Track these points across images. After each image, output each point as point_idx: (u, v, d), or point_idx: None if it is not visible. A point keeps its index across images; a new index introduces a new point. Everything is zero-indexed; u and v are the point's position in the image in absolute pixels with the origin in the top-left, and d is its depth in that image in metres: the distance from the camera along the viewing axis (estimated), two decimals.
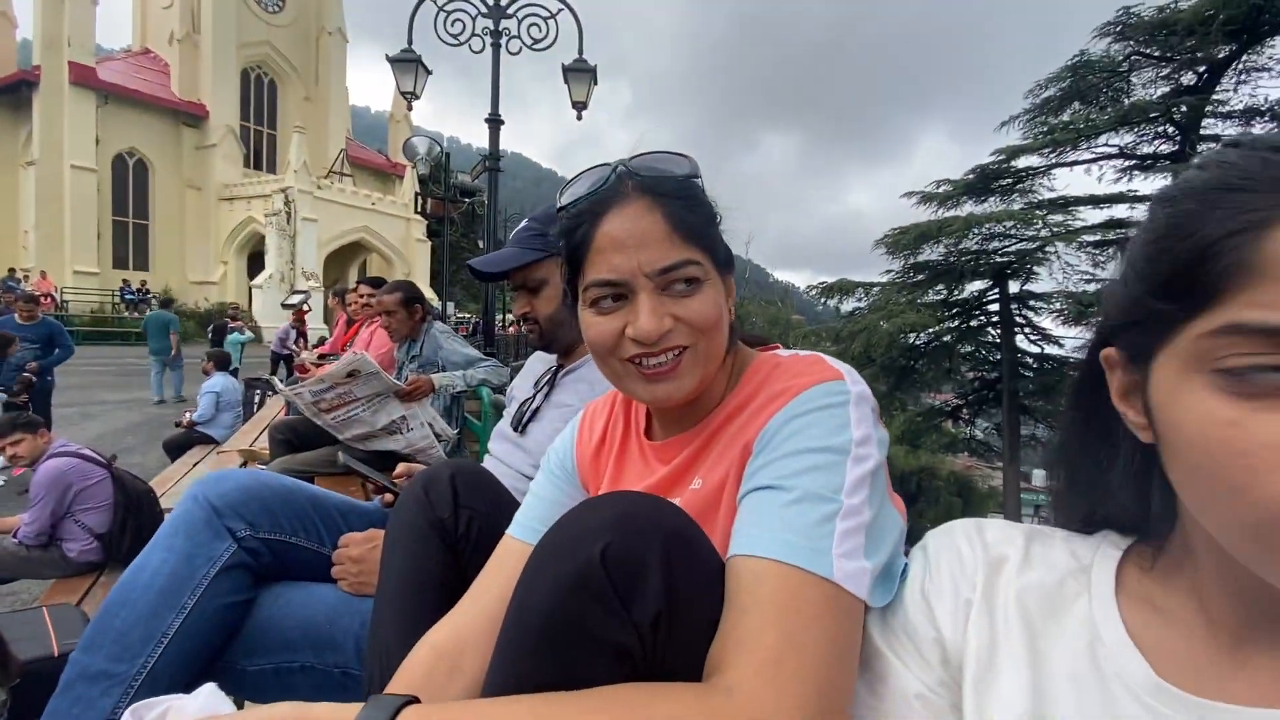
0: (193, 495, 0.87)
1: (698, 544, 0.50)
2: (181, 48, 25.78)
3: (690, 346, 0.61)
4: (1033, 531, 0.50)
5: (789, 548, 0.48)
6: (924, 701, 0.47)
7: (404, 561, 0.76)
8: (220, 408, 5.70)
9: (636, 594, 0.45)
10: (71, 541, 2.80)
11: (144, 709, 0.47)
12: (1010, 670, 0.44)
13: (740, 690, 0.43)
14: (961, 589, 0.48)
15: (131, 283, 22.85)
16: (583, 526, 0.48)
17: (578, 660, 0.45)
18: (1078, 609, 0.45)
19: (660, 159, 0.63)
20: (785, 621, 0.45)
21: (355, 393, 2.17)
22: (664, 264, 0.59)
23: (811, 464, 0.52)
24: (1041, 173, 12.45)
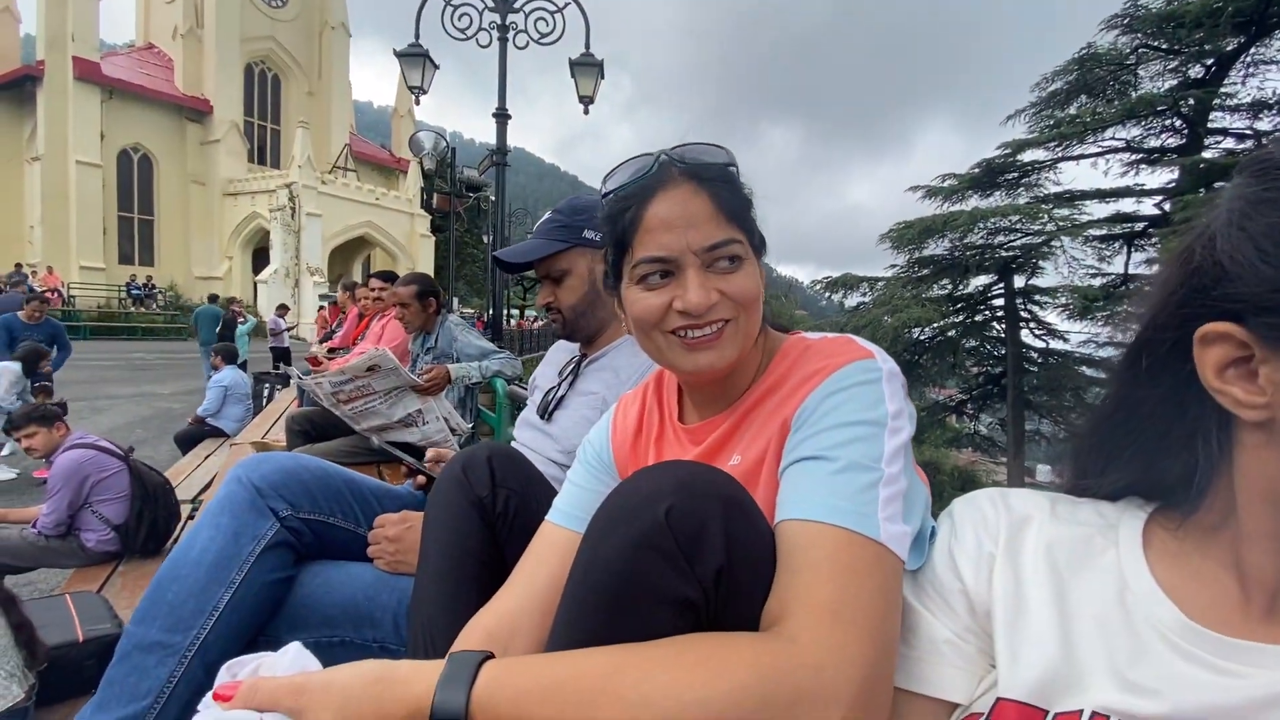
0: (236, 477, 0.89)
1: (751, 508, 0.53)
2: (185, 43, 25.79)
3: (733, 320, 0.65)
4: (1057, 496, 0.54)
5: (839, 512, 0.52)
6: (952, 646, 0.51)
7: (446, 538, 0.79)
8: (228, 401, 5.73)
9: (699, 551, 0.48)
10: (89, 532, 2.83)
11: (237, 665, 0.50)
12: (1039, 613, 0.47)
13: (803, 638, 0.46)
14: (984, 544, 0.52)
15: (137, 278, 22.93)
16: (646, 490, 0.51)
17: (645, 613, 0.48)
18: (1105, 561, 0.48)
19: (700, 149, 0.68)
20: (840, 577, 0.49)
21: (374, 386, 2.20)
22: (711, 242, 0.63)
23: (853, 436, 0.56)
24: (1047, 166, 12.40)
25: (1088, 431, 0.52)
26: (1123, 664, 0.43)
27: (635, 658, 0.46)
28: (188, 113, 25.80)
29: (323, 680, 0.47)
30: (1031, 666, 0.45)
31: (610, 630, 0.49)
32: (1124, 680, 0.43)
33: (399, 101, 33.44)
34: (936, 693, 0.50)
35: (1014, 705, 0.45)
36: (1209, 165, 10.50)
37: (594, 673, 0.45)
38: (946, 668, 0.51)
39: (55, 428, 2.97)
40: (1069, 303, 12.22)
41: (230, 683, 0.49)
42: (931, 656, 0.51)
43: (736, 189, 0.67)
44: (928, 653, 0.52)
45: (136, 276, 23.08)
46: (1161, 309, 0.44)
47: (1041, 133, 11.96)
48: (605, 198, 0.70)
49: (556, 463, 1.12)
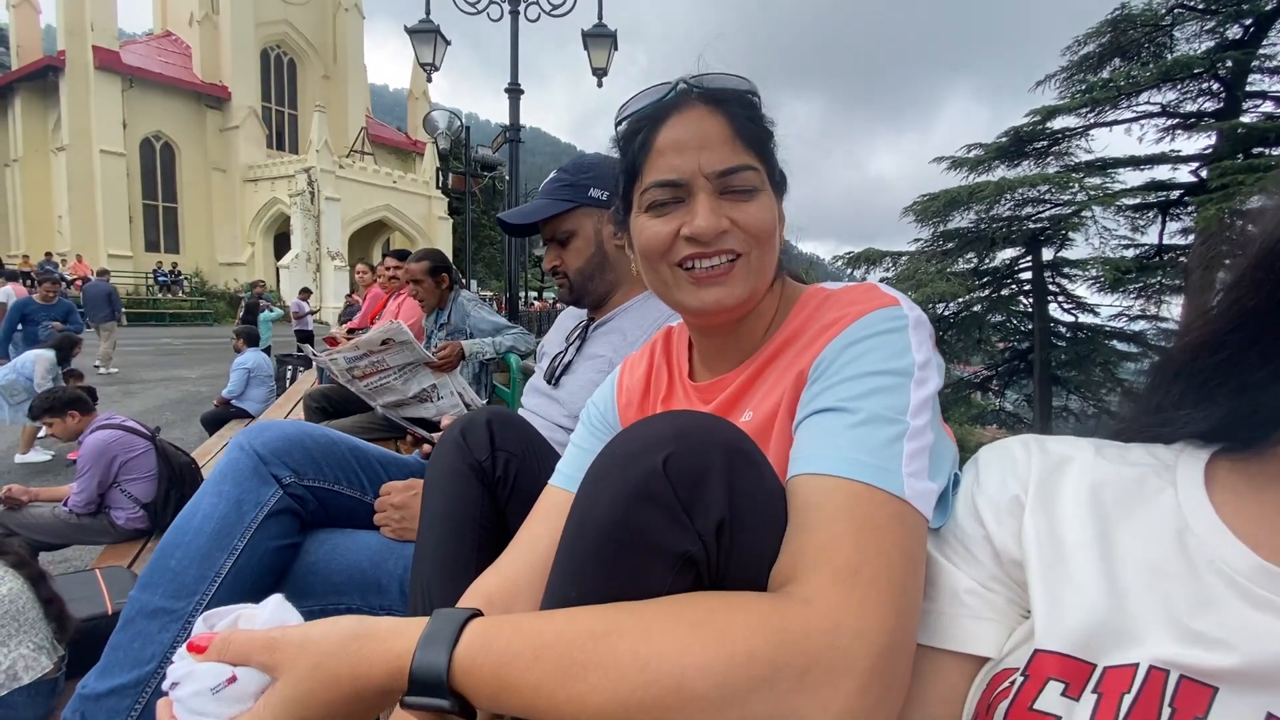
0: (238, 444, 0.88)
1: (757, 457, 0.49)
2: (202, 29, 25.91)
3: (744, 255, 0.61)
4: (1101, 441, 0.49)
5: (860, 466, 0.47)
6: (975, 596, 0.47)
7: (444, 502, 0.77)
8: (251, 383, 5.83)
9: (699, 501, 0.45)
10: (119, 510, 2.91)
11: (215, 616, 0.48)
12: (1080, 557, 0.42)
13: (820, 599, 0.42)
14: (1010, 487, 0.47)
15: (163, 265, 23.39)
16: (644, 439, 0.48)
17: (643, 568, 0.45)
18: (1161, 501, 0.42)
19: (721, 76, 0.63)
20: (860, 534, 0.45)
21: (388, 361, 2.19)
22: (725, 166, 0.59)
23: (876, 386, 0.51)
24: (1079, 134, 11.96)
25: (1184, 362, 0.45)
26: (1183, 612, 0.38)
27: (631, 618, 0.42)
28: (207, 100, 26.01)
29: (298, 636, 0.44)
30: (1074, 615, 0.40)
31: (605, 586, 0.45)
32: (1185, 630, 0.37)
33: (414, 83, 33.35)
34: (960, 646, 0.46)
35: (1055, 657, 0.40)
36: (1248, 130, 10.04)
37: (585, 634, 0.41)
38: (970, 620, 0.46)
39: (69, 415, 3.03)
40: (1100, 275, 11.85)
41: (206, 634, 0.46)
42: (953, 608, 0.47)
43: (757, 117, 0.63)
44: (948, 604, 0.47)
45: (163, 264, 23.56)
46: None
47: (1072, 98, 11.51)
48: (619, 125, 0.66)
49: (564, 428, 1.10)
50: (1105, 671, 0.38)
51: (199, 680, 0.44)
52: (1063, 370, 12.96)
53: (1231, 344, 0.41)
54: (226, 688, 0.43)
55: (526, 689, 0.40)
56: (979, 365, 14.73)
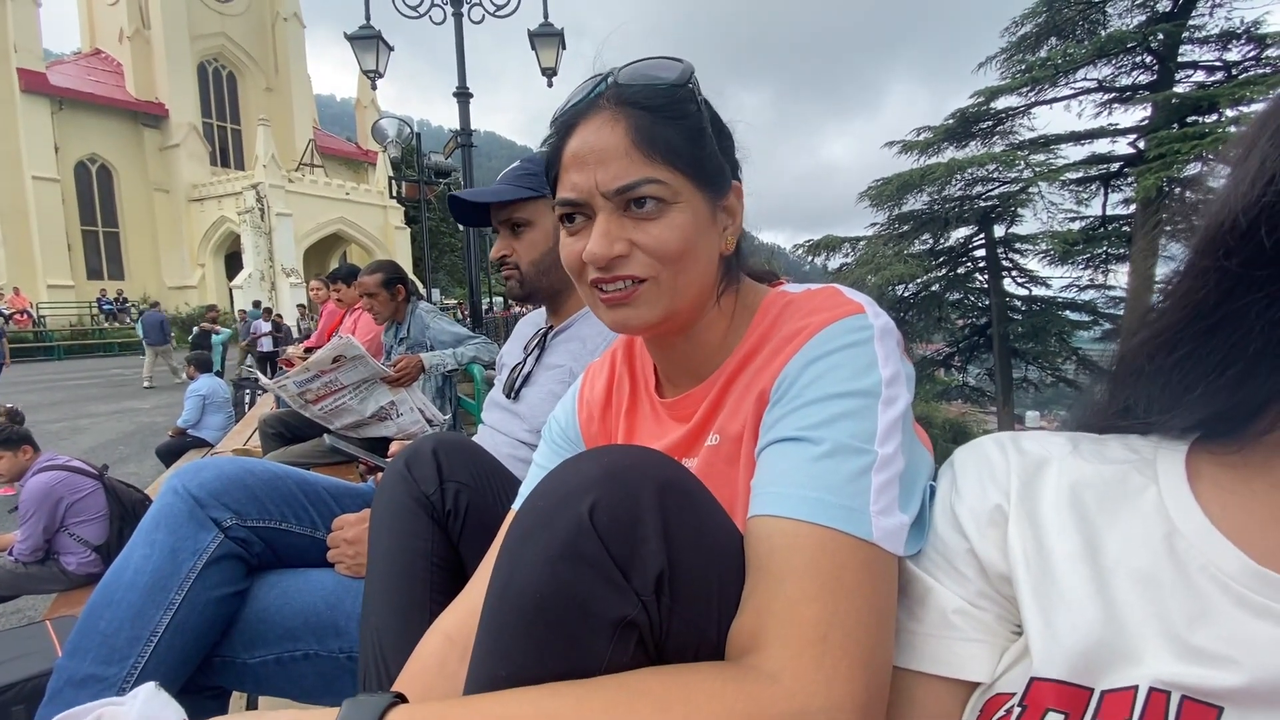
0: (171, 487, 0.82)
1: (695, 494, 0.45)
2: (133, 45, 24.88)
3: (650, 279, 0.55)
4: (1077, 435, 0.46)
5: (823, 507, 0.44)
6: (964, 616, 0.44)
7: (392, 541, 0.72)
8: (207, 410, 5.63)
9: (634, 555, 0.40)
10: (69, 555, 2.76)
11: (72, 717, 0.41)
12: (1069, 571, 0.40)
13: (785, 675, 0.38)
14: (990, 495, 0.44)
15: (108, 292, 22.42)
16: (566, 486, 0.43)
17: (578, 639, 0.40)
18: (1144, 501, 0.40)
19: (648, 65, 0.57)
20: (826, 592, 0.41)
21: (341, 379, 2.11)
22: (619, 183, 0.54)
23: (840, 410, 0.47)
24: (1021, 113, 12.35)
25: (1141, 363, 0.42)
26: (1180, 626, 0.35)
27: (575, 705, 0.38)
28: (143, 118, 25.00)
29: None
30: (1068, 636, 0.38)
31: (538, 663, 0.40)
32: (1185, 646, 0.35)
33: (361, 92, 32.59)
34: (951, 672, 0.43)
35: (1052, 686, 0.38)
36: (1181, 100, 10.48)
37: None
38: (960, 642, 0.43)
39: (21, 451, 2.87)
40: (1049, 248, 12.27)
41: None
42: (942, 630, 0.44)
43: (678, 115, 0.56)
44: (937, 627, 0.44)
45: (107, 291, 22.56)
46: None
47: (1013, 78, 11.87)
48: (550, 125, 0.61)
49: (526, 444, 1.06)
50: (1104, 696, 0.36)
51: None
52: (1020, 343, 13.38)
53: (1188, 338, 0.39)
54: None
55: None
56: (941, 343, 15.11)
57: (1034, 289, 13.48)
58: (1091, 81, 11.74)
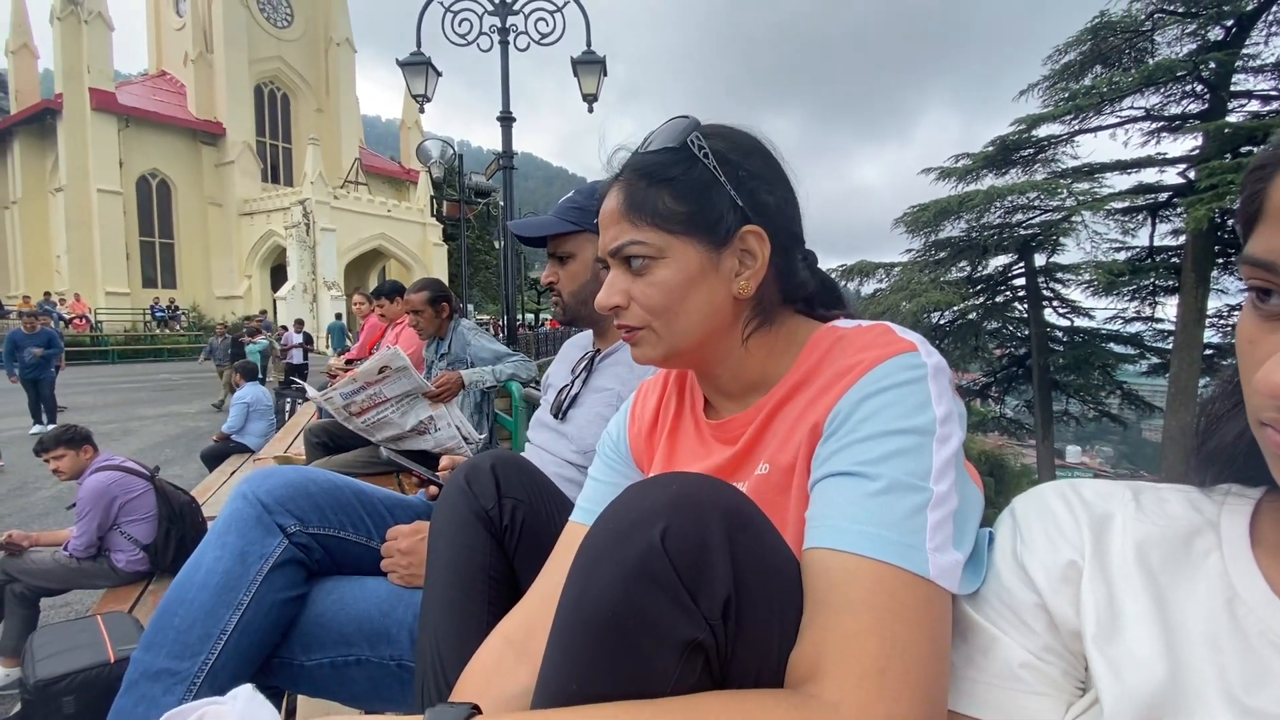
0: (241, 493, 0.87)
1: (759, 523, 0.47)
2: (196, 68, 26.28)
3: (643, 328, 0.62)
4: (1137, 486, 0.46)
5: (882, 543, 0.45)
6: (1031, 670, 0.44)
7: (450, 553, 0.75)
8: (251, 417, 5.81)
9: (703, 580, 0.42)
10: (119, 552, 2.87)
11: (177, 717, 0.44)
12: (1139, 630, 0.40)
13: (847, 704, 0.40)
14: (1062, 550, 0.44)
15: (160, 301, 23.44)
16: (638, 510, 0.45)
17: (648, 658, 0.42)
18: (1209, 566, 0.41)
19: (662, 131, 0.63)
20: (885, 625, 0.42)
21: (385, 393, 2.18)
22: (610, 246, 0.62)
23: (896, 448, 0.49)
24: (1064, 140, 12.13)
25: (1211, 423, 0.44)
26: (1237, 688, 0.36)
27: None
28: (202, 136, 26.28)
29: None
30: (1138, 691, 0.39)
31: (609, 676, 0.42)
32: (1241, 707, 0.36)
33: (406, 113, 33.79)
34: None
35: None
36: (1234, 129, 10.17)
37: None
38: (1025, 695, 0.43)
39: (83, 450, 3.01)
40: (1093, 279, 11.94)
41: None
42: (1007, 682, 0.44)
43: (668, 178, 0.60)
44: (1001, 678, 0.44)
45: (160, 299, 23.59)
46: None
47: (1056, 106, 11.68)
48: None
49: (572, 463, 1.08)
50: None
51: None
52: (1061, 374, 12.99)
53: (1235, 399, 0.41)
54: None
55: None
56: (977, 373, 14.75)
57: (1076, 320, 13.12)
58: (1139, 110, 11.49)
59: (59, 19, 23.24)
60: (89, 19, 23.35)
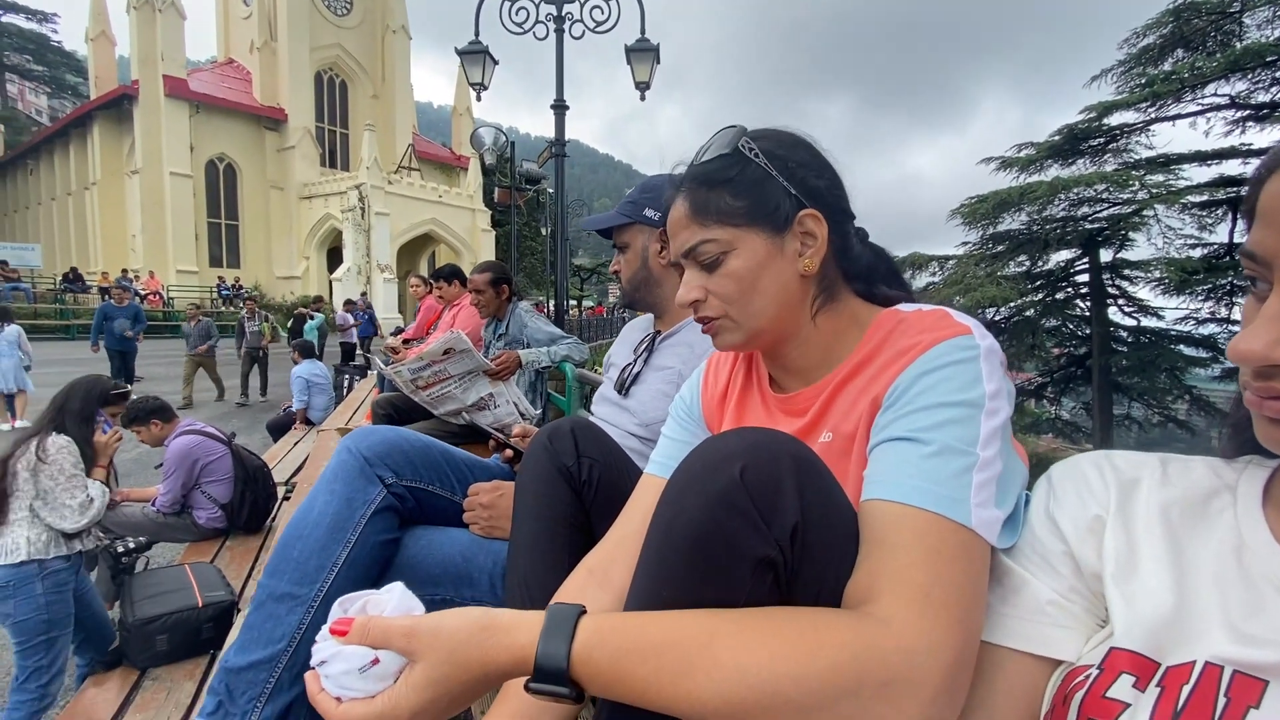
0: (346, 447, 0.97)
1: (822, 471, 0.54)
2: (261, 55, 27.29)
3: (721, 318, 0.69)
4: (1167, 457, 0.52)
5: (932, 496, 0.51)
6: (1056, 606, 0.50)
7: (536, 503, 0.83)
8: (312, 392, 6.11)
9: (774, 509, 0.49)
10: (200, 510, 3.10)
11: (348, 601, 0.54)
12: (1152, 568, 0.47)
13: (897, 620, 0.46)
14: (1089, 506, 0.51)
15: (225, 280, 24.64)
16: (721, 452, 0.52)
17: (727, 571, 0.49)
18: (1223, 520, 0.47)
19: (711, 144, 0.70)
20: (931, 561, 0.49)
21: (449, 370, 2.29)
22: (684, 249, 0.70)
23: (947, 418, 0.55)
24: (1139, 129, 11.46)
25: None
26: (1237, 618, 0.43)
27: (732, 626, 0.47)
28: (265, 122, 27.35)
29: (431, 625, 0.50)
30: (1147, 617, 0.45)
31: (693, 584, 0.50)
32: (1238, 633, 0.42)
33: (458, 100, 34.34)
34: (1039, 650, 0.50)
35: (1128, 654, 0.45)
36: None
37: (692, 637, 0.46)
38: (1050, 627, 0.50)
39: (151, 424, 3.24)
40: (1164, 277, 11.27)
41: (344, 619, 0.52)
42: (1035, 616, 0.51)
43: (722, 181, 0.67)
44: (1030, 613, 0.51)
45: (225, 278, 24.80)
46: None
47: (1131, 93, 11.05)
48: None
49: (635, 435, 1.15)
50: (1168, 670, 0.43)
51: (347, 661, 0.49)
52: (1124, 377, 12.37)
53: None
54: (371, 668, 0.50)
55: (639, 682, 0.46)
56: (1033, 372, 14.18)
57: (1144, 319, 12.46)
58: (1222, 97, 10.77)
59: (135, 8, 24.47)
60: (163, 8, 24.49)
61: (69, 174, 29.10)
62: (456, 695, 0.49)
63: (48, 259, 24.46)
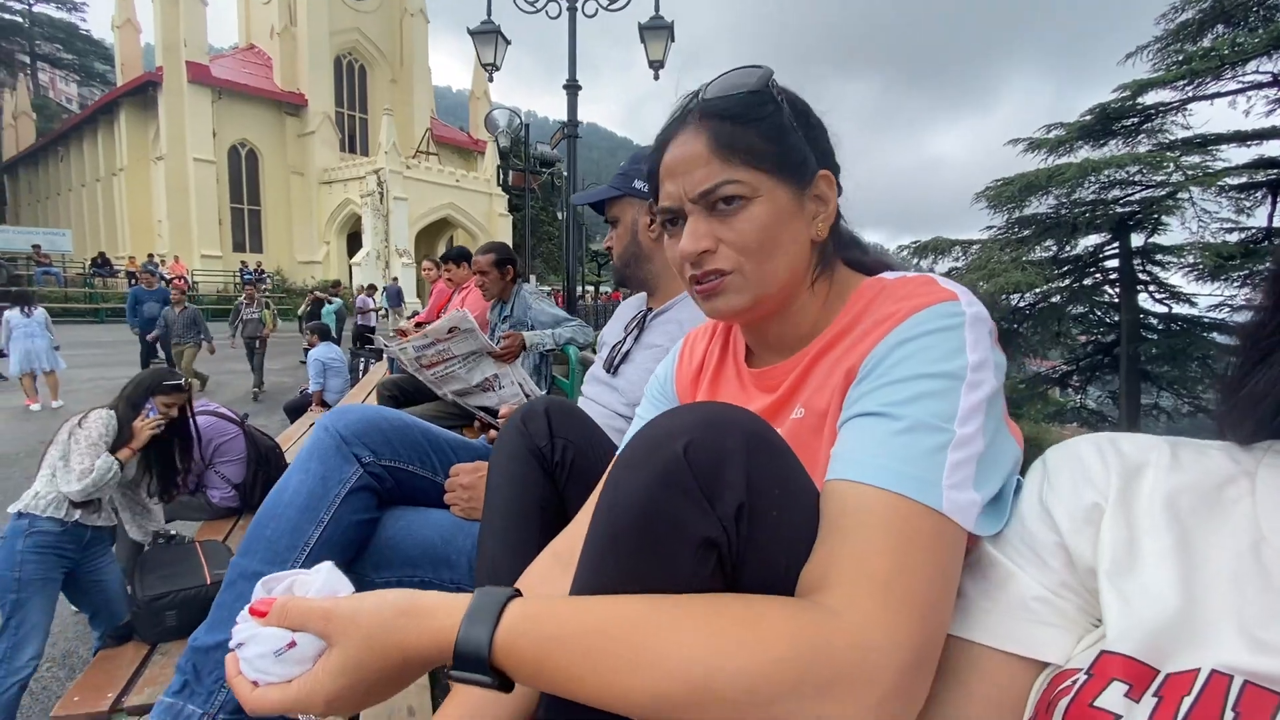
0: (323, 425, 0.95)
1: (778, 447, 0.50)
2: (281, 40, 27.45)
3: (734, 271, 0.61)
4: (1178, 440, 0.46)
5: (899, 477, 0.47)
6: (1043, 603, 0.45)
7: (507, 485, 0.80)
8: (328, 374, 6.18)
9: (719, 486, 0.46)
10: (214, 489, 3.15)
11: (272, 581, 0.52)
12: (1157, 565, 0.41)
13: (849, 612, 0.42)
14: (1086, 494, 0.46)
15: (248, 264, 25.01)
16: (667, 428, 0.49)
17: (668, 552, 0.46)
18: (1239, 511, 0.41)
19: (731, 77, 0.63)
20: (895, 549, 0.45)
21: (453, 350, 2.28)
22: (703, 187, 0.60)
23: (923, 390, 0.50)
24: (1175, 109, 11.03)
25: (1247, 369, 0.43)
26: (1254, 623, 0.37)
27: (665, 615, 0.43)
28: (286, 107, 27.56)
29: (350, 608, 0.47)
30: (1147, 618, 0.40)
31: (634, 568, 0.47)
32: (1254, 640, 0.37)
33: (475, 84, 34.26)
34: (1023, 650, 0.45)
35: (1120, 659, 0.40)
36: None
37: (627, 626, 0.43)
38: (1037, 625, 0.45)
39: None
40: (1199, 262, 10.89)
41: (265, 599, 0.50)
42: (1018, 612, 0.46)
43: (755, 119, 0.61)
44: (1014, 608, 0.46)
45: (247, 263, 25.17)
46: None
47: (1168, 70, 10.62)
48: None
49: (623, 415, 1.12)
50: (1167, 678, 0.38)
51: (262, 643, 0.47)
52: (1154, 365, 12.04)
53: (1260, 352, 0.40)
54: (287, 651, 0.47)
55: (564, 672, 0.42)
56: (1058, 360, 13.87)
57: (1175, 306, 12.09)
58: (1264, 75, 10.30)
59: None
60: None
61: (97, 160, 29.68)
62: (374, 683, 0.46)
63: (78, 244, 25.02)
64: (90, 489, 2.39)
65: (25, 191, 36.00)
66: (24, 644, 2.25)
